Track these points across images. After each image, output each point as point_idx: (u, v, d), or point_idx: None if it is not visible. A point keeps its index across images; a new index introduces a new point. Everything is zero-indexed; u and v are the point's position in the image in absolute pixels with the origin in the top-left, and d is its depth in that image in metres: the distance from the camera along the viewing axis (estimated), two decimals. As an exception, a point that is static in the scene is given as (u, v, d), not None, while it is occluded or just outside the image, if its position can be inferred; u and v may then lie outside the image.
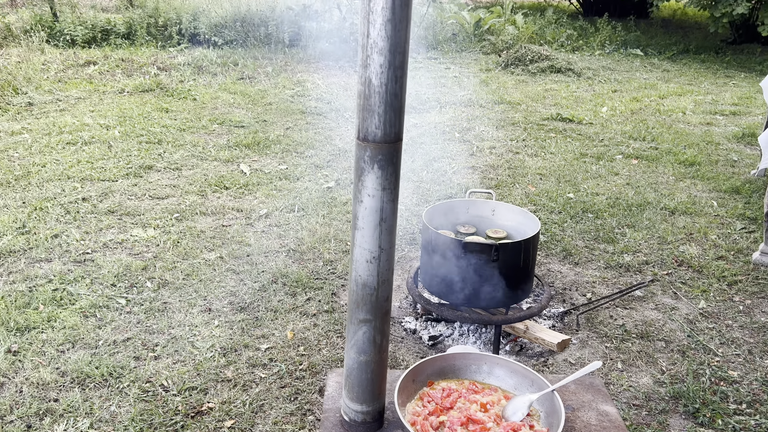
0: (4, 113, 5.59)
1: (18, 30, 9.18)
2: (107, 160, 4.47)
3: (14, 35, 9.04)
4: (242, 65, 8.03)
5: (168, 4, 10.22)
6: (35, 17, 9.42)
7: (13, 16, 10.66)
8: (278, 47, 9.35)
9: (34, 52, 7.73)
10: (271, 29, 9.66)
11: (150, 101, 6.21)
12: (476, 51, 9.62)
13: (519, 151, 5.04)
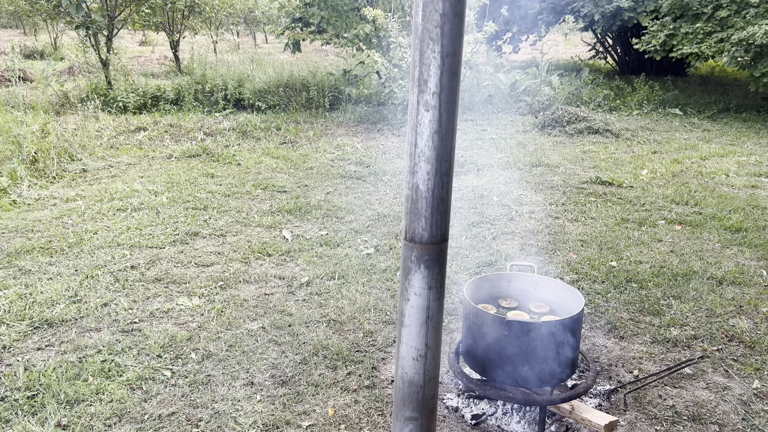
0: (60, 180, 5.89)
1: (75, 98, 9.74)
2: (155, 227, 4.64)
3: (71, 103, 9.59)
4: (284, 130, 8.30)
5: (215, 71, 10.74)
6: (91, 86, 10.00)
7: (71, 84, 11.35)
8: (319, 111, 9.66)
9: (89, 119, 8.16)
10: (312, 94, 10.01)
11: (196, 166, 6.46)
12: (512, 112, 9.73)
13: (559, 216, 5.02)
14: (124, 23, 10.81)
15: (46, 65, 15.33)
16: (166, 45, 23.10)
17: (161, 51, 21.39)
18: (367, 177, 6.22)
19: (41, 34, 25.40)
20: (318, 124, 8.84)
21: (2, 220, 4.73)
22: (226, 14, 17.94)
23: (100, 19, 9.62)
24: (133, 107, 9.37)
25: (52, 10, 9.96)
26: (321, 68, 12.24)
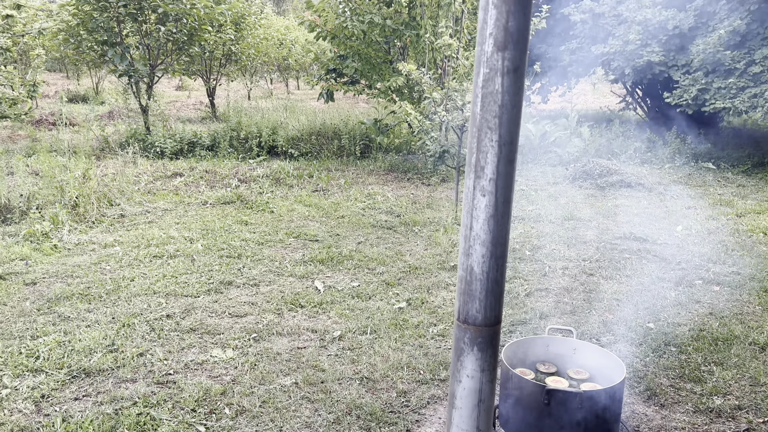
0: (99, 224, 6.04)
1: (114, 143, 10.07)
2: (190, 275, 4.70)
3: (111, 147, 9.92)
4: (316, 177, 8.43)
5: (249, 119, 11.03)
6: (130, 131, 10.33)
7: (111, 128, 11.76)
8: (350, 159, 9.81)
9: (128, 164, 8.41)
10: (343, 142, 10.18)
11: (231, 213, 6.57)
12: (543, 163, 9.75)
13: (593, 273, 4.96)
14: (165, 71, 11.22)
15: (88, 109, 15.94)
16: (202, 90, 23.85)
17: (197, 96, 22.08)
18: (398, 227, 6.25)
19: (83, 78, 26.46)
20: (349, 172, 8.96)
21: (44, 265, 4.85)
22: (261, 62, 18.50)
23: (143, 67, 10.01)
24: (170, 153, 9.64)
25: (97, 59, 10.41)
26: (352, 116, 12.48)
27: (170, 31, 9.84)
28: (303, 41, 23.63)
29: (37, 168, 8.16)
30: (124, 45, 9.86)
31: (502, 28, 1.14)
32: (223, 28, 12.38)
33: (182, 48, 10.58)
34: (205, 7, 10.43)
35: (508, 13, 1.13)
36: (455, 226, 6.11)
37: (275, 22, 20.06)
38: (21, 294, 4.28)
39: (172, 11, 9.75)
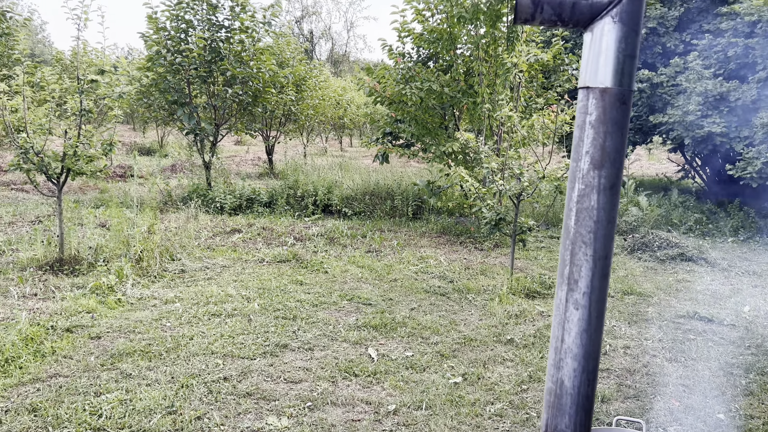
0: (160, 279, 6.23)
1: (177, 197, 10.48)
2: (247, 335, 4.77)
3: (173, 201, 10.31)
4: (369, 238, 8.51)
5: (306, 177, 11.32)
6: (193, 186, 10.74)
7: (174, 181, 12.25)
8: (402, 220, 9.89)
9: (189, 219, 8.71)
10: (396, 202, 10.30)
11: (286, 272, 6.68)
12: (598, 231, 9.56)
13: (656, 354, 4.77)
14: (229, 130, 11.72)
15: (153, 162, 16.71)
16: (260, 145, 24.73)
17: (255, 151, 22.87)
18: (451, 294, 6.20)
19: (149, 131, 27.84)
20: (402, 233, 9.02)
21: (107, 319, 5.01)
22: (318, 121, 19.10)
23: (208, 126, 10.49)
24: (229, 208, 9.94)
25: (167, 117, 10.99)
26: (405, 177, 12.65)
27: (237, 93, 10.33)
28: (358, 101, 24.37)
29: (105, 220, 8.55)
30: (192, 105, 10.39)
31: (599, 147, 1.17)
32: (284, 89, 12.92)
33: (246, 108, 11.06)
34: (270, 70, 10.94)
35: (606, 134, 1.16)
36: (510, 296, 6.02)
37: (333, 83, 20.78)
38: (86, 348, 4.42)
39: (239, 74, 10.26)
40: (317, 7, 46.90)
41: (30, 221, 8.50)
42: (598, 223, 1.18)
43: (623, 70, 1.15)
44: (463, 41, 9.15)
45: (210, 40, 10.09)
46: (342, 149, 27.48)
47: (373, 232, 8.92)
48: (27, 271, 6.08)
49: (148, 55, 10.32)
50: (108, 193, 11.16)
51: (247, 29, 10.38)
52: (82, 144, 6.32)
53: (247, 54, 10.58)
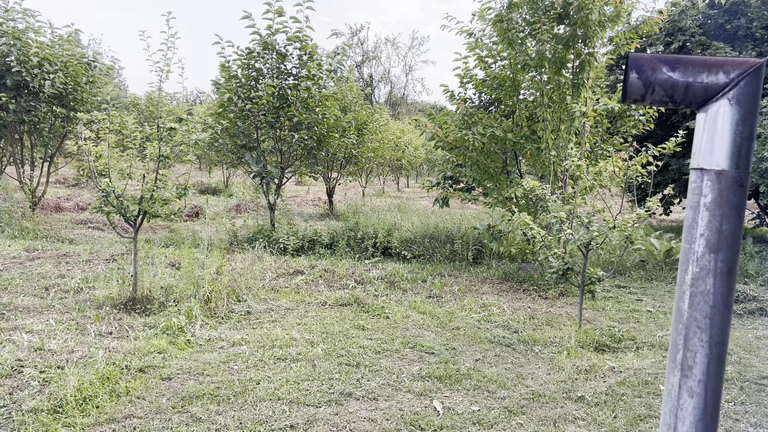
0: (227, 320, 6.36)
1: (242, 237, 10.76)
2: (312, 382, 4.78)
3: (239, 241, 10.59)
4: (430, 283, 8.46)
5: (366, 219, 11.43)
6: (257, 227, 11.02)
7: (239, 221, 12.60)
8: (463, 265, 9.80)
9: (254, 260, 8.91)
10: (456, 246, 10.23)
11: (348, 316, 6.70)
12: (669, 281, 9.20)
13: (739, 418, 4.48)
14: (294, 173, 12.03)
15: (218, 202, 17.28)
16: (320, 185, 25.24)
17: (315, 191, 23.34)
18: (517, 345, 6.05)
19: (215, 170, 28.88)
20: (462, 279, 8.92)
21: (178, 360, 5.14)
22: (377, 163, 19.37)
23: (274, 169, 10.80)
24: (292, 249, 10.13)
25: (235, 160, 11.40)
26: (464, 220, 12.59)
27: (303, 138, 10.63)
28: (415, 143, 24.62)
29: (174, 259, 8.86)
30: (260, 149, 10.76)
31: (715, 230, 1.13)
32: (346, 133, 13.22)
33: (311, 152, 11.35)
34: (334, 115, 11.23)
35: (722, 216, 1.13)
36: (579, 350, 5.82)
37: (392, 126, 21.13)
38: (158, 389, 4.53)
39: (305, 120, 10.58)
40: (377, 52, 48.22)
41: (105, 259, 8.90)
42: (715, 308, 1.14)
43: (740, 152, 1.13)
44: (526, 87, 9.15)
45: (278, 88, 10.48)
46: (399, 189, 27.71)
47: (433, 276, 8.87)
48: (103, 309, 6.34)
49: (220, 101, 10.80)
50: (177, 233, 11.58)
51: (314, 77, 10.73)
52: (158, 188, 6.61)
53: (313, 100, 10.92)
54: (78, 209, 14.49)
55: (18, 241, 10.13)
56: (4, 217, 10.89)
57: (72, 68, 11.41)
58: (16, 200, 11.88)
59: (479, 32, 9.51)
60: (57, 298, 6.83)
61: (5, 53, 10.61)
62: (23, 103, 10.81)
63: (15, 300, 6.62)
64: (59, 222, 12.45)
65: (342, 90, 13.75)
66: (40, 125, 11.45)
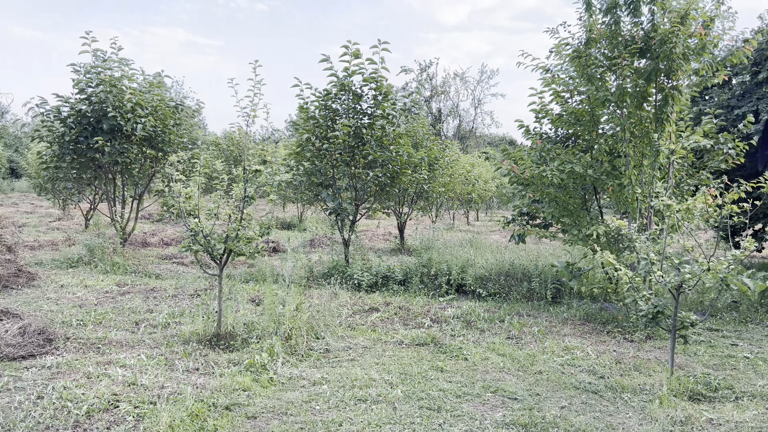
0: (307, 358, 6.44)
1: (318, 272, 10.93)
2: (394, 425, 4.73)
3: (314, 277, 10.76)
4: (508, 323, 8.27)
5: (439, 255, 11.37)
6: (332, 262, 11.17)
7: (314, 256, 12.81)
8: (541, 304, 9.53)
9: (332, 297, 9.01)
10: (533, 285, 9.98)
11: (426, 357, 6.63)
12: (766, 325, 8.59)
13: None
14: (368, 210, 12.19)
15: (293, 236, 17.68)
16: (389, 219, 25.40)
17: (385, 226, 23.50)
18: (604, 392, 5.78)
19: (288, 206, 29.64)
20: (542, 319, 8.67)
21: (261, 398, 5.22)
22: (447, 197, 19.34)
23: (349, 206, 10.98)
24: (366, 285, 10.19)
25: (312, 198, 11.68)
26: (540, 256, 12.30)
27: (377, 175, 10.79)
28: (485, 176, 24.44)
29: (254, 295, 9.09)
30: (335, 187, 10.99)
31: None
32: (417, 168, 13.30)
33: (384, 189, 11.48)
34: (407, 153, 11.35)
35: None
36: (672, 398, 5.50)
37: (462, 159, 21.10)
38: (244, 428, 4.61)
39: (379, 158, 10.75)
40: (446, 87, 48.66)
41: (189, 294, 9.25)
42: None
43: None
44: (606, 121, 8.94)
45: (354, 127, 10.72)
46: (469, 223, 27.47)
47: (511, 316, 8.67)
48: (189, 345, 6.56)
49: (298, 141, 11.16)
50: (255, 267, 11.91)
51: (388, 115, 10.92)
52: (243, 227, 6.85)
53: (387, 138, 11.09)
54: (163, 244, 15.20)
55: (110, 275, 10.71)
56: (98, 253, 11.56)
57: (161, 112, 12.12)
58: (108, 236, 12.60)
59: (555, 67, 9.43)
60: (146, 332, 7.14)
61: (102, 100, 11.42)
62: (117, 145, 11.55)
63: (109, 334, 6.97)
64: (146, 257, 13.09)
65: (414, 127, 13.90)
66: (131, 166, 12.17)
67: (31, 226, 18.32)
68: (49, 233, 16.98)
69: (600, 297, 9.78)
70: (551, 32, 8.97)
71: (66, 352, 6.28)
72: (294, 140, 12.24)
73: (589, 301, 9.66)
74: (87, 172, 12.21)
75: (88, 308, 8.18)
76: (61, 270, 11.08)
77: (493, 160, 36.74)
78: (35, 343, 6.28)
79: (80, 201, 18.52)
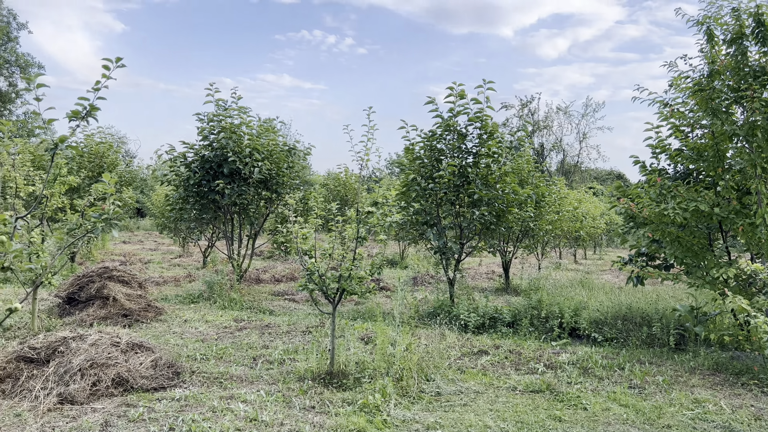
0: (419, 401, 6.39)
1: (423, 312, 10.90)
2: (513, 477, 4.56)
3: (420, 315, 10.74)
4: (628, 370, 7.79)
5: (550, 297, 10.99)
6: (437, 301, 11.12)
7: (418, 294, 12.81)
8: (663, 351, 8.92)
9: (441, 338, 8.95)
10: (654, 330, 9.38)
11: (542, 405, 6.37)
12: None
13: None
14: (473, 249, 12.09)
15: (394, 274, 17.82)
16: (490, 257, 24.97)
17: (486, 263, 23.14)
18: (745, 453, 5.26)
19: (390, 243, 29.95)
20: (666, 367, 8.09)
21: (378, 440, 5.23)
22: (554, 235, 18.77)
23: (454, 245, 10.95)
24: (473, 326, 10.03)
25: (417, 236, 11.76)
26: (660, 299, 11.56)
27: (482, 214, 10.71)
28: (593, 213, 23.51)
29: (363, 333, 9.21)
30: (440, 225, 11.02)
31: None
32: (523, 206, 13.04)
33: (489, 228, 11.35)
34: (513, 191, 11.20)
35: None
36: (829, 466, 4.90)
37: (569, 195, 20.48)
38: (362, 470, 4.63)
39: (485, 197, 10.68)
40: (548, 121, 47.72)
41: (302, 331, 9.53)
42: None
43: None
44: (733, 156, 8.37)
45: (459, 166, 10.76)
46: (576, 261, 26.42)
47: (631, 363, 8.16)
48: (304, 383, 6.73)
49: (404, 181, 11.35)
50: (362, 305, 12.10)
51: (494, 154, 10.87)
52: (356, 267, 7.01)
53: (493, 177, 11.02)
54: (274, 281, 15.84)
55: (227, 311, 11.29)
56: (217, 289, 12.25)
57: (275, 156, 12.81)
58: (225, 273, 13.33)
59: (673, 101, 9.00)
60: (264, 368, 7.42)
61: (224, 145, 12.26)
62: (236, 187, 12.30)
63: (230, 369, 7.31)
64: (260, 293, 13.70)
65: (519, 164, 13.72)
66: (248, 207, 12.89)
67: (155, 262, 19.77)
68: (171, 269, 18.23)
69: (731, 345, 9.00)
70: (669, 65, 8.61)
71: (192, 385, 6.65)
72: (399, 180, 12.44)
73: (718, 348, 8.91)
74: (208, 213, 13.06)
75: (210, 343, 8.64)
76: (184, 305, 11.83)
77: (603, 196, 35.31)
78: (165, 376, 6.70)
79: (199, 239, 19.80)
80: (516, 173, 12.86)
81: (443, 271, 11.79)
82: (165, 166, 13.35)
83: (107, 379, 6.22)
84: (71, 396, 5.88)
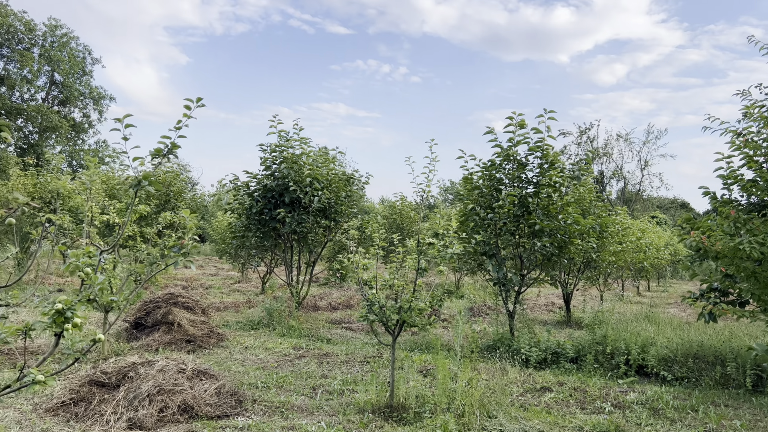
0: (481, 438, 6.24)
1: (482, 344, 10.70)
2: None
3: (479, 348, 10.54)
4: (702, 413, 7.39)
5: (616, 332, 10.60)
6: (497, 334, 10.90)
7: (476, 326, 12.61)
8: (740, 393, 8.42)
9: (497, 371, 8.75)
10: (729, 370, 8.88)
11: (610, 448, 6.10)
12: None
13: None
14: (534, 280, 11.84)
15: (451, 304, 17.62)
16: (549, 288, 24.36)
17: (545, 294, 22.58)
18: None
19: (445, 271, 29.60)
20: (743, 411, 7.63)
21: (440, 479, 5.12)
22: (617, 267, 18.16)
23: (515, 277, 10.75)
24: (534, 361, 9.76)
25: (475, 267, 11.62)
26: (734, 336, 10.95)
27: (544, 245, 10.49)
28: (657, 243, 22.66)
29: (422, 365, 9.11)
30: (500, 256, 10.86)
31: None
32: (585, 237, 12.71)
33: (551, 259, 11.10)
34: (576, 222, 10.94)
35: None
36: None
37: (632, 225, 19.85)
38: None
39: (547, 227, 10.47)
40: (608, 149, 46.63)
41: (360, 361, 9.51)
42: None
43: None
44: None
45: (519, 196, 10.62)
46: (639, 294, 25.43)
47: (705, 405, 7.74)
48: (364, 415, 6.69)
49: (462, 210, 11.28)
50: (420, 336, 11.99)
51: (555, 183, 10.69)
52: (416, 298, 6.97)
53: (554, 207, 10.81)
54: (331, 308, 15.94)
55: (286, 338, 11.41)
56: (276, 316, 12.42)
57: (334, 185, 13.00)
58: (284, 299, 13.52)
59: (746, 130, 8.64)
60: (323, 398, 7.43)
61: (285, 175, 12.55)
62: (296, 216, 12.53)
63: (290, 398, 7.35)
64: (317, 321, 13.80)
65: (581, 194, 13.44)
66: (308, 235, 13.09)
67: (215, 287, 20.26)
68: (231, 294, 18.63)
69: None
70: (742, 94, 8.29)
71: (254, 414, 6.72)
72: (456, 209, 12.37)
73: (803, 392, 8.34)
74: (269, 240, 13.33)
75: (270, 371, 8.74)
76: (244, 331, 12.03)
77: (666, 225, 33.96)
78: (228, 404, 6.81)
79: (258, 265, 20.19)
80: (578, 203, 12.59)
81: (502, 302, 11.58)
82: (229, 195, 13.75)
83: (173, 405, 6.36)
84: (140, 421, 6.05)
